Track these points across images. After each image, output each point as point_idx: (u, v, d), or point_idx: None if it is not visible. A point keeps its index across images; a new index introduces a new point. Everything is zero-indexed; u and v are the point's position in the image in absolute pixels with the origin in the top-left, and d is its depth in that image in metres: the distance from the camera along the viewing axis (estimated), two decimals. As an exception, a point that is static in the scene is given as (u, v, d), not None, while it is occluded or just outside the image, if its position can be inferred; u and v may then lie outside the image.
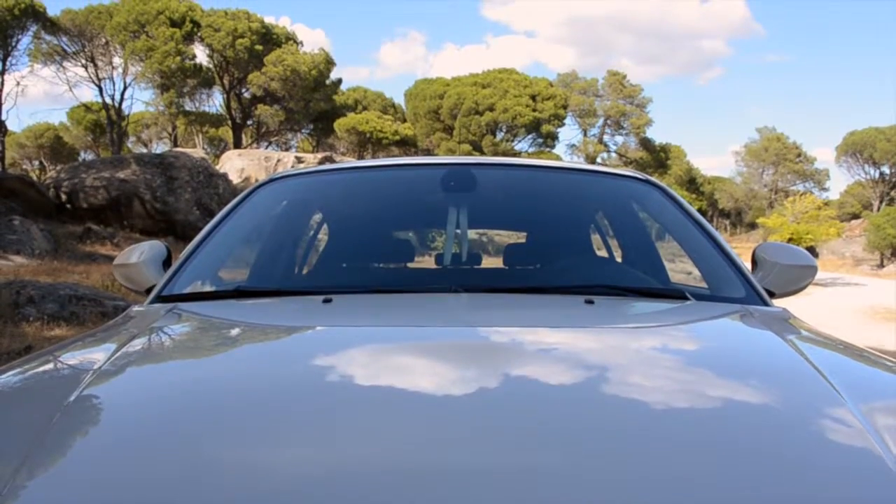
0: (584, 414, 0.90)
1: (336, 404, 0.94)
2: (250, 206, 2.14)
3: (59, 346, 1.40)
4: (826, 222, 26.62)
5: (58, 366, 1.27)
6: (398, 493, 0.71)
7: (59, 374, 1.23)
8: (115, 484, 0.77)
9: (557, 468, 0.77)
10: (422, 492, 0.72)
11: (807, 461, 0.83)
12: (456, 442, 0.82)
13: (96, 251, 12.94)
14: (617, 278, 2.08)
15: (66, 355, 1.31)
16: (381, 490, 0.72)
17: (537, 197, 2.33)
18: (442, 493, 0.71)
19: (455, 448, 0.81)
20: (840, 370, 1.16)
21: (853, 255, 36.08)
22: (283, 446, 0.82)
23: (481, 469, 0.76)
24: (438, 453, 0.80)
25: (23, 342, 6.00)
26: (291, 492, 0.72)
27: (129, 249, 2.06)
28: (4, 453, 0.83)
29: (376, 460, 0.78)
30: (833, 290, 21.13)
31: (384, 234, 2.55)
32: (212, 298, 1.79)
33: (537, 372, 1.08)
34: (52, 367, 1.26)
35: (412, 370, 1.08)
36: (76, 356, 1.31)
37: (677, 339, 1.39)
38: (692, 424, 0.89)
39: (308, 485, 0.73)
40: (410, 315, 1.51)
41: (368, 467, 0.77)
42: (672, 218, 2.07)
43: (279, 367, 1.15)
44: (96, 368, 1.11)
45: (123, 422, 0.94)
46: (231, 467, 0.79)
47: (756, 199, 59.40)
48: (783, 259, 1.95)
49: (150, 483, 0.76)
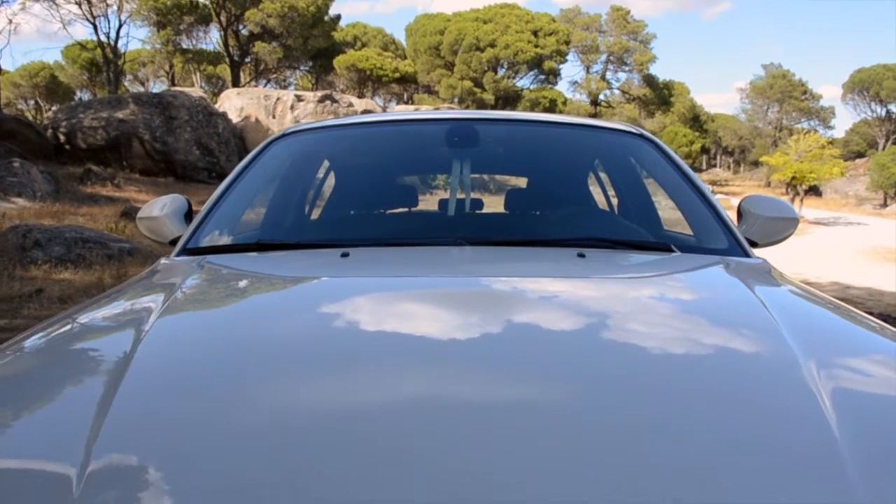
0: (565, 355, 1.07)
1: (364, 347, 1.09)
2: (266, 160, 2.24)
3: (104, 298, 1.49)
4: (830, 161, 26.41)
5: (110, 317, 1.37)
6: (416, 424, 0.84)
7: (114, 325, 1.33)
8: (188, 420, 0.88)
9: (545, 398, 0.92)
10: (437, 423, 0.84)
11: (745, 404, 0.93)
12: (465, 379, 0.96)
13: (97, 192, 12.92)
14: (608, 231, 2.21)
15: (116, 307, 1.42)
16: (401, 420, 0.85)
17: (536, 151, 2.46)
18: (454, 425, 0.83)
19: (464, 384, 0.95)
20: (799, 323, 1.26)
21: (856, 194, 36.01)
22: (329, 384, 0.97)
23: (487, 403, 0.89)
24: (450, 389, 0.94)
25: (33, 285, 6.06)
26: (330, 417, 0.87)
27: (151, 203, 2.18)
28: (83, 404, 0.90)
29: (401, 395, 0.92)
30: (835, 229, 21.17)
31: (394, 187, 2.69)
32: (235, 251, 1.88)
33: (529, 318, 1.22)
34: (105, 318, 1.36)
35: (425, 316, 1.24)
36: (128, 307, 1.42)
37: (654, 290, 1.52)
38: (647, 367, 1.03)
39: (342, 414, 0.87)
40: (421, 268, 1.65)
41: (395, 401, 0.90)
42: (663, 171, 2.19)
43: (311, 316, 1.30)
44: (152, 319, 1.20)
45: (189, 365, 1.06)
46: (292, 403, 0.92)
47: (760, 137, 58.88)
48: (766, 212, 2.08)
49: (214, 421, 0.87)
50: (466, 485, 0.74)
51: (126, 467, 0.79)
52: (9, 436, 0.87)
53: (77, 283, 6.30)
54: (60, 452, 0.80)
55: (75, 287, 6.14)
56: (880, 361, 1.15)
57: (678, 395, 0.94)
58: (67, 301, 5.65)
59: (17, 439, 0.86)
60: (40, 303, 5.58)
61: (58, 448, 0.81)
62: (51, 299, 5.69)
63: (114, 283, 6.30)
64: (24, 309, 5.39)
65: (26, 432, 0.87)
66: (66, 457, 0.78)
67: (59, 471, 0.77)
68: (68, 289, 6.06)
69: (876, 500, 0.74)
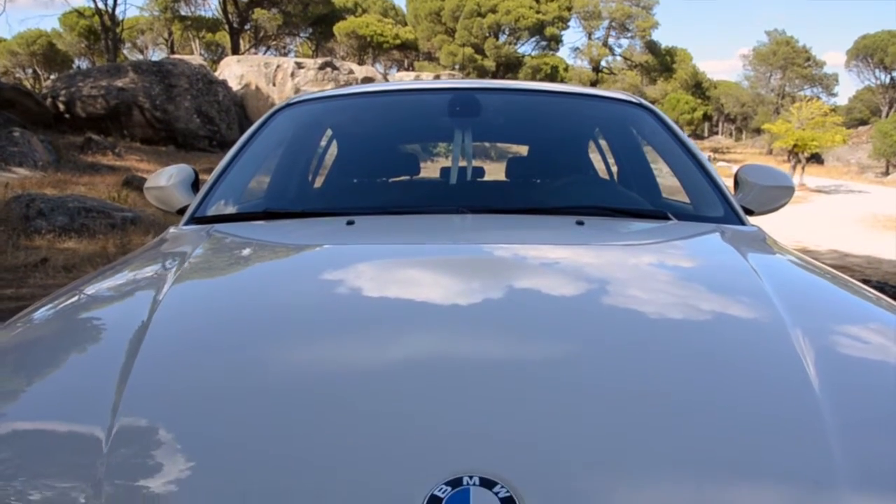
0: (561, 318, 1.14)
1: (372, 311, 1.16)
2: (270, 130, 2.28)
3: (116, 267, 1.55)
4: (832, 129, 26.25)
5: (125, 286, 1.43)
6: (421, 382, 0.91)
7: (129, 293, 1.39)
8: (204, 382, 0.95)
9: (542, 358, 0.99)
10: (441, 381, 0.91)
11: (731, 367, 0.98)
12: (467, 340, 1.03)
13: (98, 161, 12.89)
14: (606, 199, 2.24)
15: (129, 276, 1.48)
16: (407, 379, 0.92)
17: (536, 120, 2.49)
18: (457, 383, 0.90)
19: (466, 345, 1.02)
20: (790, 290, 1.30)
21: (858, 162, 35.87)
22: (339, 346, 1.03)
23: (487, 362, 0.97)
24: (453, 350, 1.01)
25: (38, 254, 6.11)
26: (339, 377, 0.94)
27: (158, 172, 2.23)
28: (106, 368, 0.96)
29: (408, 355, 0.99)
30: (836, 197, 21.14)
31: (397, 156, 2.74)
32: (242, 219, 1.93)
33: (528, 284, 1.29)
34: (119, 286, 1.42)
35: (429, 282, 1.29)
36: (141, 276, 1.48)
37: (649, 257, 1.57)
38: (638, 330, 1.08)
39: (352, 374, 0.94)
40: (424, 235, 1.71)
41: (402, 361, 0.97)
42: (661, 139, 2.23)
43: (320, 282, 1.36)
44: (166, 287, 1.25)
45: (204, 331, 1.12)
46: (303, 364, 0.99)
47: (763, 105, 58.41)
48: (763, 180, 2.11)
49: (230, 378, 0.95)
50: (464, 437, 0.81)
51: (148, 427, 0.86)
52: (40, 399, 0.94)
53: (82, 252, 6.35)
54: (89, 414, 0.87)
55: (80, 256, 6.19)
56: (867, 329, 1.18)
57: (667, 357, 1.00)
58: (73, 270, 5.71)
59: (48, 403, 0.93)
60: (46, 272, 5.64)
61: (86, 410, 0.88)
62: (56, 268, 5.75)
63: (118, 252, 6.35)
64: (30, 278, 5.45)
65: (56, 396, 0.94)
66: (95, 418, 0.85)
67: (88, 431, 0.84)
68: (73, 258, 6.12)
69: (853, 464, 0.78)
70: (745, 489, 0.77)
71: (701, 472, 0.78)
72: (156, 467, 0.79)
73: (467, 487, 0.73)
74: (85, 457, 0.80)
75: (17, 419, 0.90)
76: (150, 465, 0.79)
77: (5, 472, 0.80)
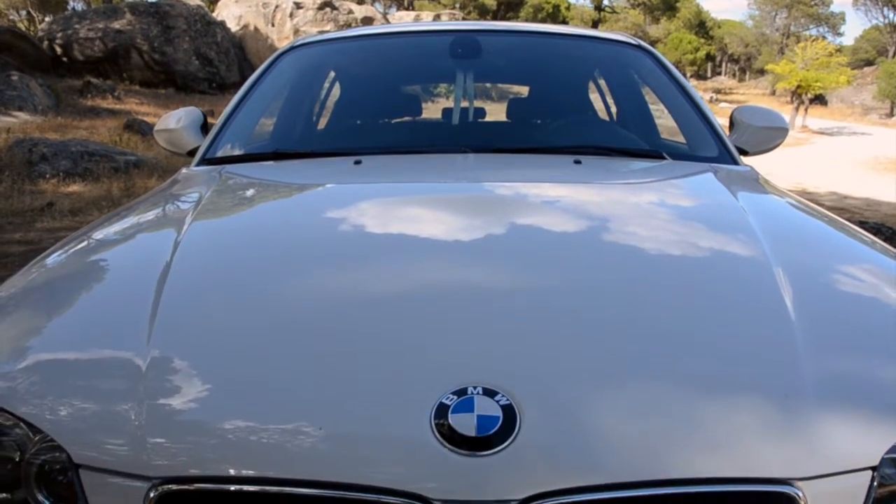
0: (557, 248, 1.24)
1: (383, 244, 1.27)
2: (276, 73, 2.33)
3: (133, 207, 1.63)
4: (837, 69, 25.91)
5: (145, 224, 1.51)
6: (427, 305, 1.03)
7: (150, 231, 1.48)
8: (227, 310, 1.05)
9: (538, 283, 1.09)
10: (446, 303, 1.02)
11: (712, 296, 1.07)
12: (469, 268, 1.14)
13: (98, 105, 12.81)
14: (604, 139, 2.31)
15: (148, 215, 1.56)
16: (415, 302, 1.04)
17: (536, 61, 2.54)
18: (461, 305, 1.01)
19: (469, 272, 1.12)
20: (776, 227, 1.38)
21: (863, 103, 35.48)
22: (351, 276, 1.14)
23: (488, 287, 1.07)
24: (459, 276, 1.11)
25: (43, 199, 6.16)
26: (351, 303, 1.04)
27: (167, 115, 2.29)
28: (137, 302, 1.06)
29: (416, 282, 1.10)
30: (837, 139, 21.03)
31: (400, 97, 2.79)
32: (252, 160, 1.99)
33: (526, 219, 1.38)
34: (138, 225, 1.50)
35: (434, 218, 1.39)
36: (159, 215, 1.57)
37: (642, 194, 1.65)
38: (627, 262, 1.18)
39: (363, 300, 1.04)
40: (429, 174, 1.79)
41: (411, 288, 1.08)
42: (659, 81, 2.28)
43: (332, 219, 1.45)
44: (185, 225, 1.34)
45: (224, 266, 1.21)
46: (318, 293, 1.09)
47: (767, 45, 57.42)
48: (757, 121, 2.15)
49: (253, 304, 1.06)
50: (469, 355, 0.91)
51: (179, 355, 0.96)
52: (82, 329, 1.05)
53: (87, 196, 6.41)
54: (127, 341, 0.98)
55: (85, 200, 6.25)
56: (848, 265, 1.26)
57: (653, 286, 1.10)
58: (79, 214, 5.77)
59: (89, 332, 1.03)
60: (52, 216, 5.70)
61: (125, 340, 0.98)
62: (62, 212, 5.81)
63: (122, 195, 6.40)
64: (37, 222, 5.52)
65: (95, 326, 1.05)
66: (133, 347, 0.96)
67: (128, 356, 0.95)
68: (78, 202, 6.17)
69: (820, 382, 0.89)
70: (721, 398, 0.87)
71: (682, 384, 0.88)
72: (188, 390, 0.90)
73: (472, 396, 0.83)
74: (128, 375, 0.91)
75: (65, 349, 1.00)
76: (183, 389, 0.91)
77: (60, 390, 0.91)
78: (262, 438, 0.83)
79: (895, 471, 0.85)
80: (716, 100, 34.40)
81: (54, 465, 0.86)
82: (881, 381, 0.92)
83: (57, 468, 0.86)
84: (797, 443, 0.82)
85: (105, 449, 0.85)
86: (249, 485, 0.81)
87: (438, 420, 0.81)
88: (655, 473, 0.79)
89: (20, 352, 0.99)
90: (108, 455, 0.85)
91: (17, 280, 1.22)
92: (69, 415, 0.88)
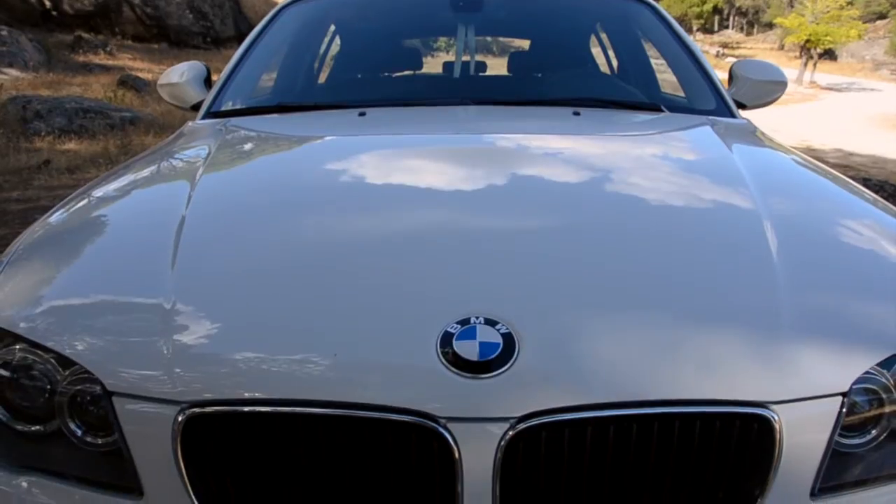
0: (555, 195, 1.29)
1: (388, 193, 1.32)
2: (277, 27, 2.34)
3: (142, 159, 1.66)
4: (847, 23, 25.45)
5: (155, 176, 1.54)
6: (437, 245, 1.09)
7: (162, 183, 1.51)
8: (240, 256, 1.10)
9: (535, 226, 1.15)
10: (454, 244, 1.08)
11: (700, 241, 1.13)
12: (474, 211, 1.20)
13: (91, 61, 12.58)
14: (603, 91, 2.35)
15: (157, 168, 1.59)
16: (423, 243, 1.10)
17: (538, 14, 2.58)
18: (469, 245, 1.07)
19: (474, 215, 1.18)
20: (768, 179, 1.41)
21: (873, 58, 35.00)
22: (359, 223, 1.18)
23: (493, 227, 1.14)
24: (462, 218, 1.17)
25: (39, 157, 6.05)
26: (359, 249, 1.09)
27: (170, 70, 2.28)
28: (158, 249, 1.10)
29: (424, 225, 1.16)
30: (846, 95, 20.78)
31: (401, 51, 2.82)
32: (256, 113, 2.00)
33: (525, 168, 1.44)
34: (149, 178, 1.54)
35: (437, 168, 1.44)
36: (168, 167, 1.60)
37: (638, 146, 1.69)
38: (621, 210, 1.23)
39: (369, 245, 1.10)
40: (432, 126, 1.82)
41: (419, 230, 1.14)
42: (660, 35, 2.32)
43: (338, 169, 1.49)
44: (196, 177, 1.37)
45: (236, 216, 1.25)
46: (327, 240, 1.14)
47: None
48: (756, 75, 2.18)
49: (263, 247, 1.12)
50: (472, 287, 0.98)
51: (199, 296, 1.02)
52: (107, 275, 1.10)
53: (83, 154, 6.29)
54: (151, 284, 1.03)
55: (82, 157, 6.14)
56: (837, 216, 1.30)
57: (646, 230, 1.16)
58: (76, 171, 5.67)
59: (115, 277, 1.09)
60: (49, 174, 5.60)
61: (148, 280, 1.04)
62: (59, 170, 5.71)
63: (119, 152, 6.29)
64: (35, 180, 5.42)
65: (120, 271, 1.10)
66: (157, 287, 1.02)
67: (153, 296, 1.01)
68: (75, 159, 6.06)
69: (797, 312, 0.96)
70: (703, 329, 0.94)
71: (668, 316, 0.95)
72: (210, 326, 0.97)
73: (474, 325, 0.90)
74: (154, 316, 0.97)
75: (94, 292, 1.06)
76: (205, 324, 0.98)
77: (92, 328, 0.97)
78: (280, 367, 0.90)
79: (864, 398, 0.93)
80: (722, 54, 33.85)
81: (86, 396, 0.94)
82: (856, 316, 0.99)
83: (89, 398, 0.94)
84: (773, 369, 0.90)
85: (138, 378, 0.92)
86: (271, 406, 0.87)
87: (444, 347, 0.88)
88: (641, 395, 0.87)
89: (50, 294, 1.06)
90: (141, 383, 0.91)
91: (36, 231, 1.26)
92: (102, 349, 0.95)
